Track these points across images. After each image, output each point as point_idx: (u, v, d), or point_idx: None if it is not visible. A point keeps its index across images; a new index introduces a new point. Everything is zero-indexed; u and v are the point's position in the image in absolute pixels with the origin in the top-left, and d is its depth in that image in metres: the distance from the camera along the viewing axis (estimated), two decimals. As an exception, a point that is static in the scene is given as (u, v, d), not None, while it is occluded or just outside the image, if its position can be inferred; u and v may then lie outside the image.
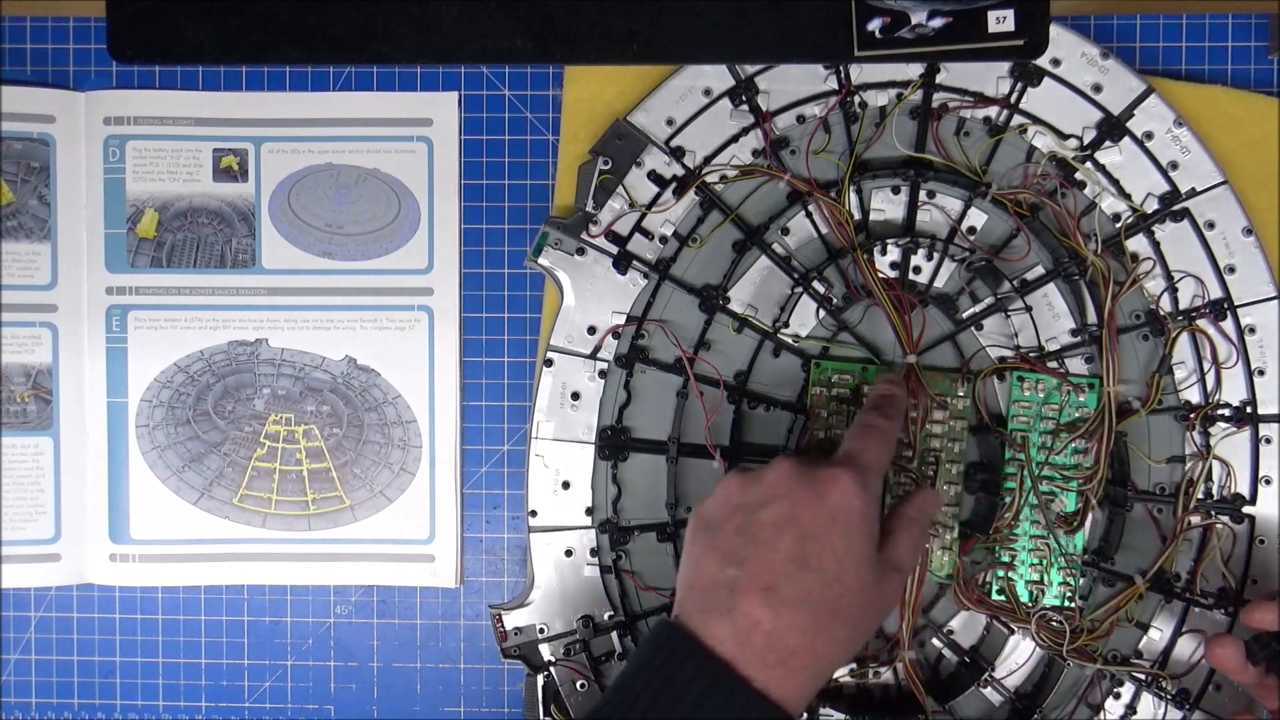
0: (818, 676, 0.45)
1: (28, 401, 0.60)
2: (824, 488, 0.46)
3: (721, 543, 0.46)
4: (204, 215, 0.60)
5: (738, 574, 0.45)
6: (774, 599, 0.44)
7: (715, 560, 0.46)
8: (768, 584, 0.44)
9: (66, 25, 0.60)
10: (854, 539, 0.46)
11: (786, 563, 0.45)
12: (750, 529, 0.46)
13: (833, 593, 0.45)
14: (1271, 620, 0.49)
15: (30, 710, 0.61)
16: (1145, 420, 0.56)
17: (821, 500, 0.46)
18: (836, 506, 0.46)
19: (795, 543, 0.45)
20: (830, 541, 0.45)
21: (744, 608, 0.44)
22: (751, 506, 0.46)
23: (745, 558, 0.45)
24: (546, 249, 0.57)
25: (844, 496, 0.46)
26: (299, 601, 0.61)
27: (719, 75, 0.57)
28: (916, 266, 0.56)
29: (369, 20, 0.56)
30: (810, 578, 0.44)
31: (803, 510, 0.46)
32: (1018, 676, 0.56)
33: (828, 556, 0.45)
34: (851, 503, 0.46)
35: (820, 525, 0.45)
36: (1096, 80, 0.56)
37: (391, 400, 0.60)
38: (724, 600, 0.44)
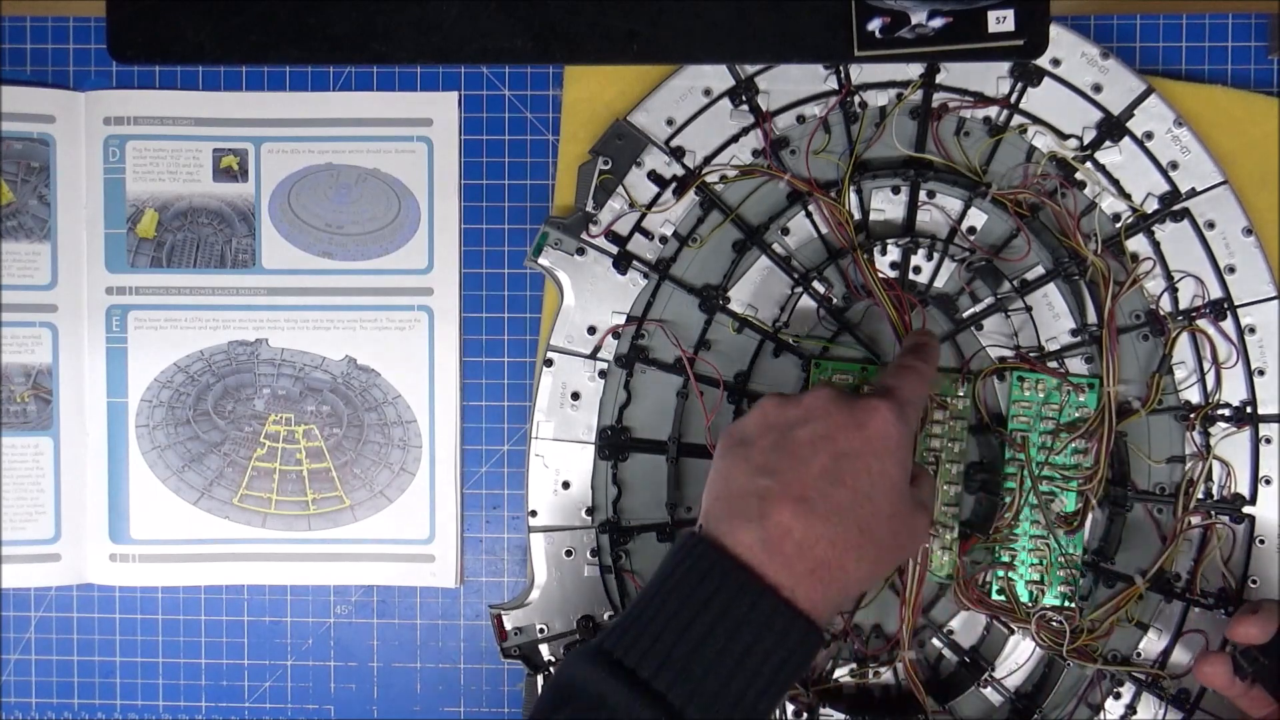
0: (844, 592, 0.45)
1: (28, 401, 0.60)
2: (862, 414, 0.46)
3: (755, 455, 0.46)
4: (204, 215, 0.60)
5: (770, 484, 0.45)
6: (805, 509, 0.44)
7: (747, 471, 0.46)
8: (800, 495, 0.44)
9: (66, 25, 0.60)
10: (889, 464, 0.46)
11: (820, 477, 0.45)
12: (786, 444, 0.46)
13: (865, 510, 0.45)
14: (1255, 634, 0.49)
15: (30, 710, 0.61)
16: (1145, 420, 0.56)
17: (860, 425, 0.46)
18: (874, 432, 0.46)
19: (830, 460, 0.45)
20: (866, 463, 0.45)
21: (775, 516, 0.44)
22: (788, 424, 0.47)
23: (779, 469, 0.45)
24: (546, 249, 0.57)
25: (882, 424, 0.46)
26: (299, 601, 0.61)
27: (719, 75, 0.57)
28: (916, 266, 0.56)
29: (369, 20, 0.56)
30: (843, 493, 0.45)
31: (839, 432, 0.46)
32: (1018, 676, 0.56)
33: (862, 476, 0.45)
34: (889, 429, 0.46)
35: (856, 447, 0.45)
36: (1096, 80, 0.56)
37: (391, 400, 0.60)
38: (754, 508, 0.44)
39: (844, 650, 0.57)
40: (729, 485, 0.46)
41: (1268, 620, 0.50)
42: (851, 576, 0.45)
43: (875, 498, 0.45)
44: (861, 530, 0.45)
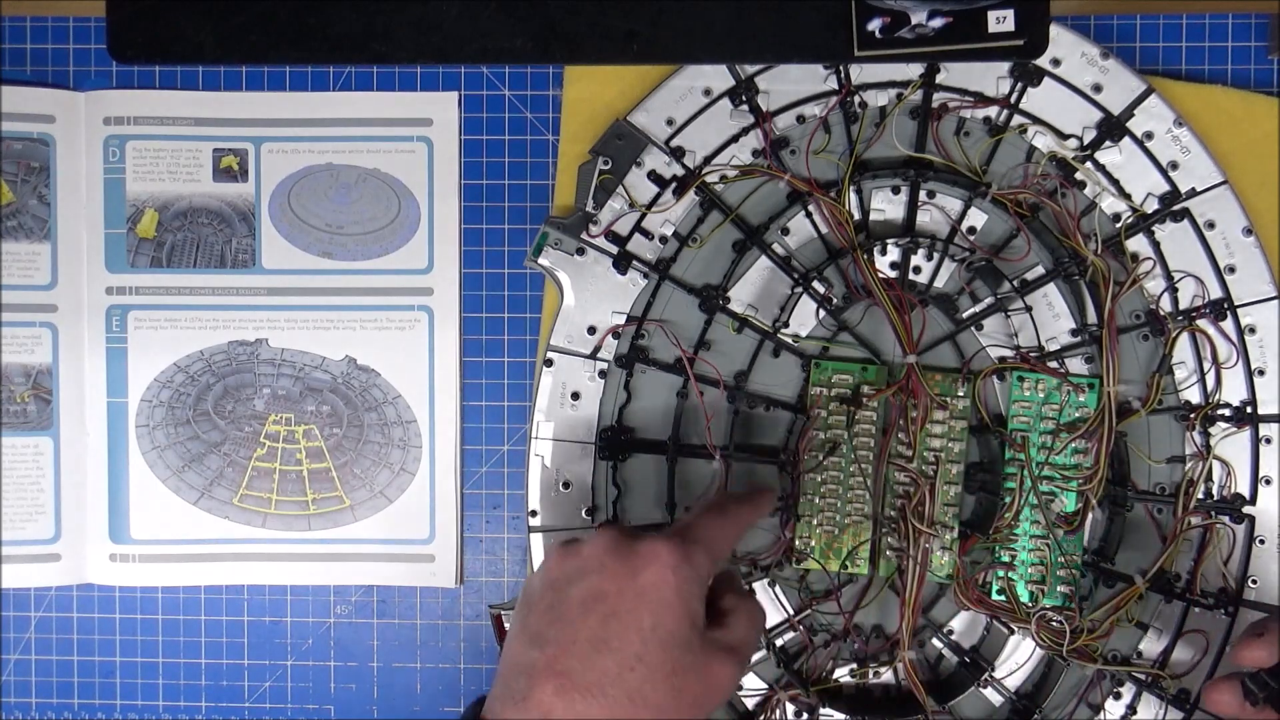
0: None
1: (28, 401, 0.60)
2: (639, 561, 0.43)
3: (531, 621, 0.44)
4: (204, 215, 0.60)
5: (537, 656, 0.42)
6: (568, 685, 0.41)
7: (522, 641, 0.44)
8: (563, 669, 0.42)
9: (66, 25, 0.60)
10: (664, 617, 0.43)
11: (586, 644, 0.42)
12: (558, 607, 0.43)
13: (634, 676, 0.42)
14: (1263, 657, 0.47)
15: (30, 710, 0.61)
16: (1145, 420, 0.56)
17: (633, 575, 0.43)
18: (648, 582, 0.43)
19: (599, 622, 0.42)
20: (636, 620, 0.42)
21: (537, 695, 0.41)
22: (564, 581, 0.44)
23: (547, 639, 0.43)
24: (546, 249, 0.57)
25: (658, 571, 0.43)
26: (299, 601, 0.61)
27: (719, 75, 0.57)
28: (916, 266, 0.56)
29: (369, 20, 0.56)
30: (609, 660, 0.42)
31: (612, 586, 0.43)
32: (1018, 676, 0.56)
33: (632, 636, 0.42)
34: (665, 576, 0.43)
35: (628, 603, 0.43)
36: (1096, 80, 0.56)
37: (391, 400, 0.60)
38: (520, 687, 0.42)
39: (844, 650, 0.57)
40: (507, 657, 0.44)
41: (1272, 643, 0.48)
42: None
43: (648, 659, 0.42)
44: (631, 700, 0.42)
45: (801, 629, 0.57)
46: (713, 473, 0.56)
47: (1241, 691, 0.48)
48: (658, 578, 0.43)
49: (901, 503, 0.55)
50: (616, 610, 0.43)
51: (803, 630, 0.57)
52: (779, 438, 0.57)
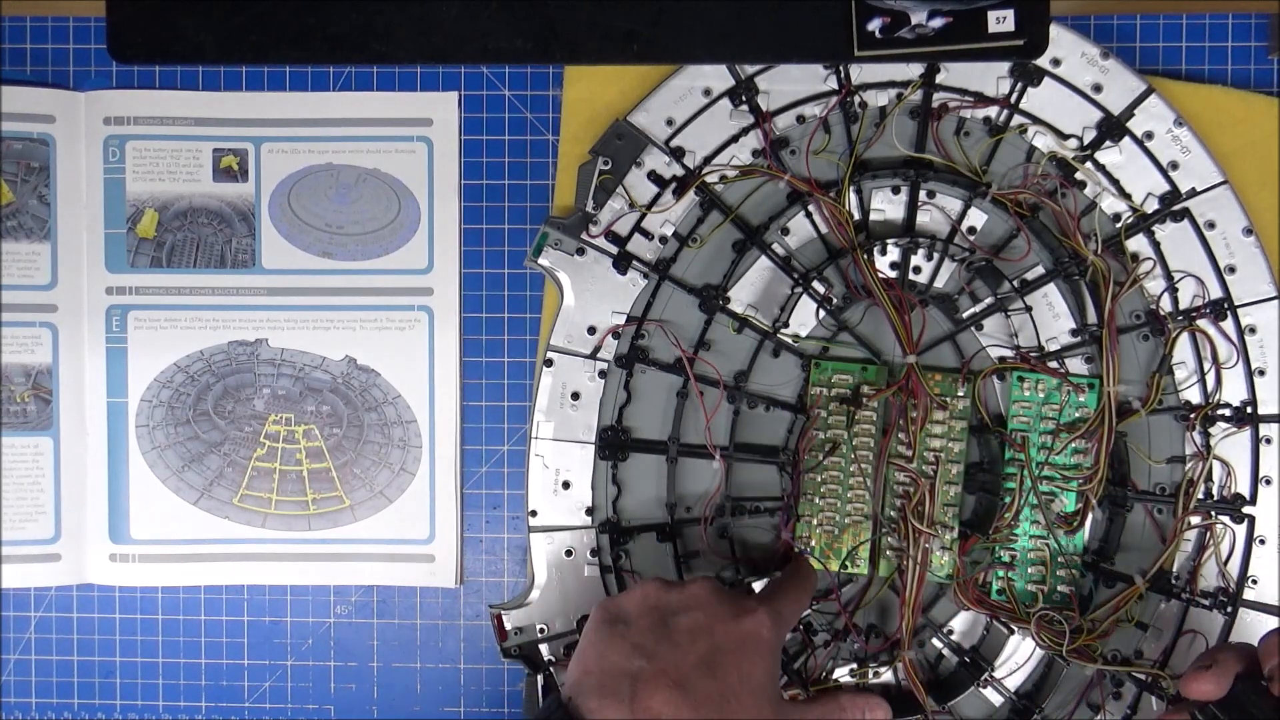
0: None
1: (28, 401, 0.60)
2: (741, 611, 0.48)
3: (633, 635, 0.47)
4: (204, 215, 0.60)
5: (645, 666, 0.45)
6: (679, 696, 0.45)
7: (623, 651, 0.46)
8: (675, 680, 0.45)
9: (66, 25, 0.60)
10: (760, 667, 0.47)
11: (696, 666, 0.45)
12: (665, 629, 0.47)
13: (733, 707, 0.45)
14: (1210, 690, 0.46)
15: (30, 710, 0.61)
16: (1145, 420, 0.56)
17: (737, 621, 0.47)
18: (749, 631, 0.47)
19: (708, 650, 0.46)
20: (739, 660, 0.46)
21: (644, 699, 0.44)
22: (669, 609, 0.48)
23: (656, 653, 0.46)
24: (546, 249, 0.57)
25: (757, 625, 0.47)
26: (299, 601, 0.61)
27: (719, 75, 0.57)
28: (916, 266, 0.56)
29: (369, 20, 0.56)
30: (715, 685, 0.45)
31: (719, 625, 0.47)
32: (1018, 677, 0.56)
33: (734, 672, 0.46)
34: (762, 633, 0.47)
35: (733, 642, 0.47)
36: (1096, 80, 0.56)
37: (391, 400, 0.60)
38: (625, 688, 0.45)
39: (844, 650, 0.57)
40: (602, 661, 0.47)
41: (1222, 674, 0.46)
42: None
43: (743, 696, 0.46)
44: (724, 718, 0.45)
45: (801, 629, 0.57)
46: (714, 472, 0.56)
47: None
48: (756, 630, 0.47)
49: (901, 503, 0.55)
50: (723, 646, 0.46)
51: (802, 630, 0.57)
52: (779, 438, 0.57)
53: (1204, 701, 0.47)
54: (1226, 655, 0.47)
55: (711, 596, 0.48)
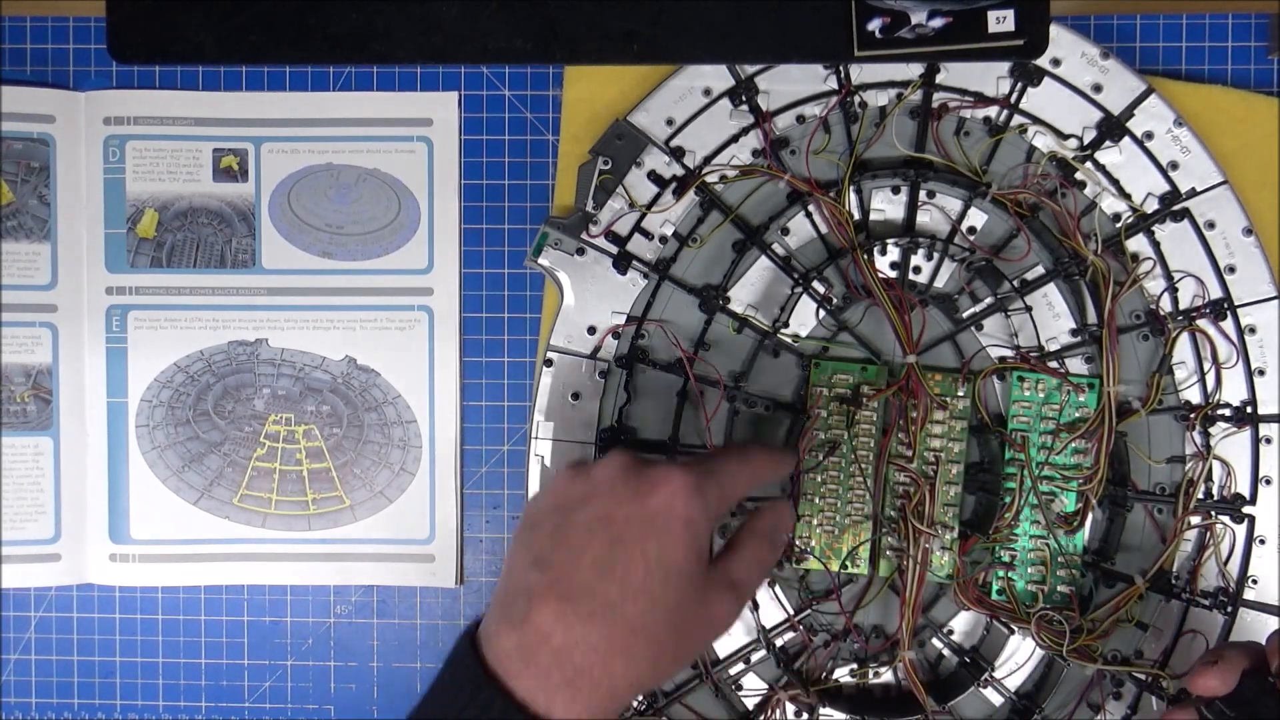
0: (613, 699, 0.41)
1: (28, 401, 0.60)
2: (649, 486, 0.43)
3: (536, 544, 0.43)
4: (204, 215, 0.60)
5: (539, 579, 0.42)
6: (568, 610, 0.41)
7: (525, 563, 0.43)
8: (565, 592, 0.41)
9: (66, 25, 0.60)
10: (670, 547, 0.42)
11: (591, 569, 0.41)
12: (564, 530, 0.43)
13: (635, 606, 0.41)
14: (1217, 685, 0.46)
15: (30, 710, 0.61)
16: (1145, 420, 0.56)
17: (643, 500, 0.42)
18: (657, 509, 0.42)
19: (604, 547, 0.42)
20: (642, 548, 0.42)
21: (536, 619, 0.41)
22: (572, 504, 0.43)
23: (551, 562, 0.42)
24: (546, 249, 0.57)
25: (667, 498, 0.42)
26: (299, 601, 0.61)
27: (719, 75, 0.57)
28: (916, 266, 0.56)
29: (369, 20, 0.56)
30: (612, 588, 0.41)
31: (620, 510, 0.42)
32: (1018, 677, 0.56)
33: (637, 565, 0.42)
34: (675, 505, 0.42)
35: (635, 529, 0.42)
36: (1096, 80, 0.56)
37: (391, 400, 0.60)
38: (520, 609, 0.41)
39: (844, 650, 0.57)
40: (508, 579, 0.43)
41: (1228, 670, 0.46)
42: (621, 682, 0.41)
43: (652, 589, 0.41)
44: (632, 629, 0.41)
45: (801, 629, 0.57)
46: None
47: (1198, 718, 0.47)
48: (666, 505, 0.42)
49: (901, 503, 0.55)
50: (623, 536, 0.42)
51: (803, 630, 0.57)
52: (779, 438, 0.57)
53: (1210, 698, 0.47)
54: (1233, 652, 0.46)
55: (616, 478, 0.43)
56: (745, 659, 0.57)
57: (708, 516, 0.43)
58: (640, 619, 0.41)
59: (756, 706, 0.57)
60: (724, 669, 0.57)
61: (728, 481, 0.45)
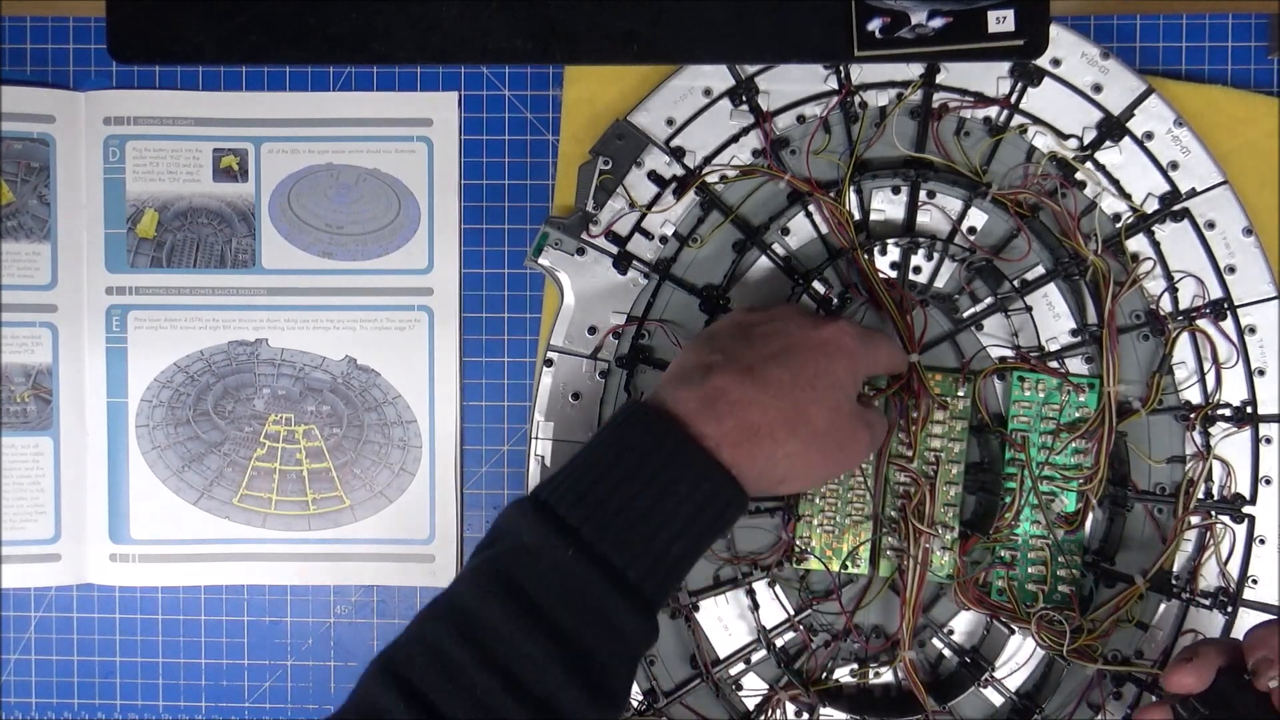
0: (772, 463, 0.46)
1: (28, 401, 0.60)
2: (823, 323, 0.49)
3: (714, 341, 0.48)
4: (204, 215, 0.60)
5: (719, 358, 0.46)
6: (745, 377, 0.45)
7: (703, 351, 0.47)
8: (746, 365, 0.46)
9: (66, 25, 0.60)
10: (836, 364, 0.48)
11: (767, 357, 0.46)
12: (745, 332, 0.48)
13: (804, 394, 0.46)
14: (1191, 683, 0.46)
15: (30, 710, 0.61)
16: (1145, 420, 0.56)
17: (816, 329, 0.48)
18: (828, 337, 0.48)
19: (780, 348, 0.47)
20: (813, 357, 0.47)
21: (716, 379, 0.45)
22: (752, 322, 0.49)
23: (731, 350, 0.47)
24: (546, 249, 0.57)
25: (837, 332, 0.48)
26: (299, 601, 0.61)
27: (719, 75, 0.57)
28: (916, 266, 0.56)
29: (369, 20, 0.56)
30: (786, 374, 0.46)
31: (796, 329, 0.48)
32: (1018, 677, 0.56)
33: (808, 365, 0.47)
34: (843, 340, 0.48)
35: (809, 346, 0.47)
36: (1096, 80, 0.56)
37: (391, 400, 0.60)
38: (698, 376, 0.46)
39: (844, 650, 0.57)
40: (682, 364, 0.48)
41: (1203, 668, 0.46)
42: (780, 450, 0.45)
43: (817, 386, 0.46)
44: (797, 408, 0.46)
45: (802, 629, 0.57)
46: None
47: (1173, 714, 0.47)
48: (836, 336, 0.48)
49: (902, 503, 0.55)
50: (798, 344, 0.47)
51: (803, 630, 0.57)
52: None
53: (1185, 695, 0.47)
54: (1209, 649, 0.47)
55: (794, 311, 0.50)
56: (745, 659, 0.57)
57: (864, 362, 0.49)
58: (804, 406, 0.46)
59: (756, 706, 0.57)
60: (724, 669, 0.57)
61: (880, 348, 0.51)
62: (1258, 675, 0.44)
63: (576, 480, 0.44)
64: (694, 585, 0.57)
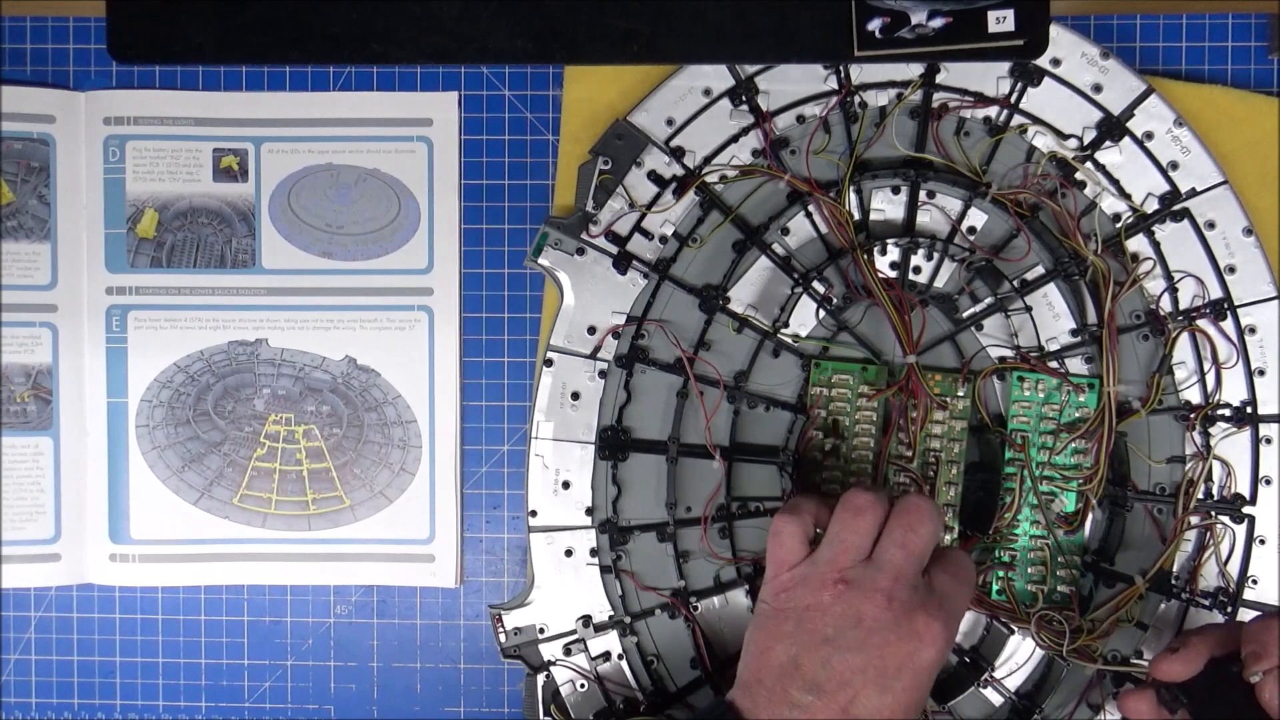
0: None
1: (28, 401, 0.60)
2: (918, 641, 0.46)
3: (806, 666, 0.46)
4: (204, 215, 0.60)
5: (814, 702, 0.46)
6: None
7: (798, 684, 0.46)
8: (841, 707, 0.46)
9: (66, 25, 0.60)
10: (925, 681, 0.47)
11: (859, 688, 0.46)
12: (835, 663, 0.46)
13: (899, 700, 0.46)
14: (1179, 671, 0.47)
15: (30, 710, 0.61)
16: (1145, 420, 0.56)
17: (912, 652, 0.46)
18: (925, 664, 0.46)
19: (875, 693, 0.46)
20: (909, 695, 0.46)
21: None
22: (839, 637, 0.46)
23: (825, 689, 0.46)
24: (546, 249, 0.57)
25: (936, 653, 0.46)
26: (299, 601, 0.61)
27: (719, 75, 0.57)
28: (916, 266, 0.56)
29: (369, 20, 0.56)
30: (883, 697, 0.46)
31: (890, 659, 0.46)
32: (1018, 677, 0.56)
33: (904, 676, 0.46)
34: (937, 656, 0.47)
35: (906, 680, 0.46)
36: (1096, 80, 0.56)
37: (391, 400, 0.60)
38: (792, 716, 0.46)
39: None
40: (779, 681, 0.47)
41: (1190, 657, 0.47)
42: None
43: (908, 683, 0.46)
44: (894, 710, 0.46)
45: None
46: (714, 472, 0.56)
47: (1156, 698, 0.48)
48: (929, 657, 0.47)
49: (901, 503, 0.55)
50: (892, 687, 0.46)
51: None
52: (779, 438, 0.57)
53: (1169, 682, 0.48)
54: (1198, 638, 0.48)
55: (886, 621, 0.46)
56: (745, 659, 0.57)
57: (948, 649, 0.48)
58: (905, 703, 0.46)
59: (756, 706, 0.57)
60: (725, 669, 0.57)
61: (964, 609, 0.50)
62: (1246, 667, 0.45)
63: None
64: (695, 586, 0.57)
